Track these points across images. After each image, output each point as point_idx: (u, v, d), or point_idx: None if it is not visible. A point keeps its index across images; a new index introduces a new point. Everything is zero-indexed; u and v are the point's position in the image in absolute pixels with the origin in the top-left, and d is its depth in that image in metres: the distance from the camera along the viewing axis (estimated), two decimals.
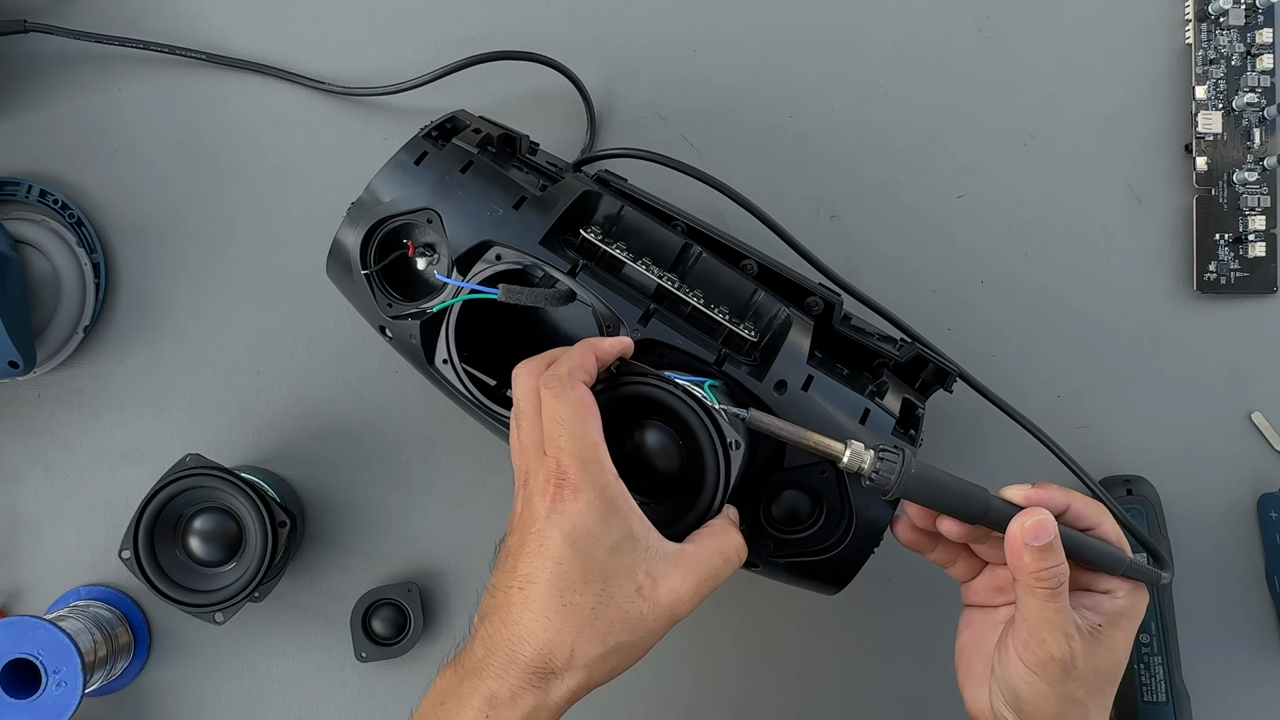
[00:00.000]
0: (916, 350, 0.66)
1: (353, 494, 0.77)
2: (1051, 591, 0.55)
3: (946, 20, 0.78)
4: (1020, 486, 0.58)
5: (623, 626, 0.53)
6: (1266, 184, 0.77)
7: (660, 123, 0.77)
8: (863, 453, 0.56)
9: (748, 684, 0.77)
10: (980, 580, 0.62)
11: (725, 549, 0.57)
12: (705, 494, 0.58)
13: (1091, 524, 0.58)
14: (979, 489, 0.57)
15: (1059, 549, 0.56)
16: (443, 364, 0.65)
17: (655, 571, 0.54)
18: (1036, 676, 0.57)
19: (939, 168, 0.78)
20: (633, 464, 0.58)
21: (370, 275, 0.66)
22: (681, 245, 0.65)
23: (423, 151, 0.66)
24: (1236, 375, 0.77)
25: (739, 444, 0.57)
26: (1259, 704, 0.77)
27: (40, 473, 0.77)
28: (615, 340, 0.58)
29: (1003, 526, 0.56)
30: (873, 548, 0.64)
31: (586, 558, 0.53)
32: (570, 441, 0.54)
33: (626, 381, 0.58)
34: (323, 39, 0.78)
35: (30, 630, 0.68)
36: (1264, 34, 0.76)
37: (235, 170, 0.77)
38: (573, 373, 0.56)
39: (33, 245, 0.76)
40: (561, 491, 0.53)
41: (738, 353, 0.63)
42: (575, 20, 0.78)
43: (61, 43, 0.76)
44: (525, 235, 0.63)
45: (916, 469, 0.56)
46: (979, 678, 0.61)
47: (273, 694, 0.77)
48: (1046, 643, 0.56)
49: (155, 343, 0.77)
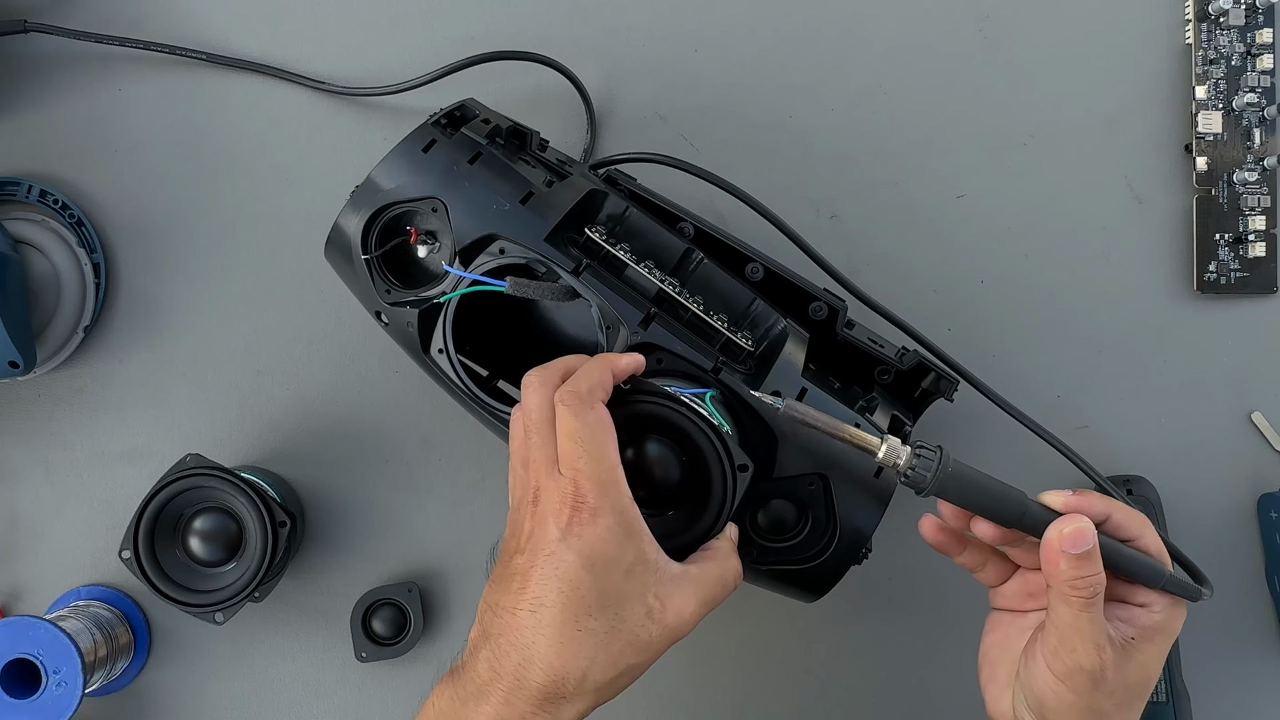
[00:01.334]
0: (919, 358, 0.66)
1: (353, 494, 0.77)
2: (1086, 601, 0.55)
3: (946, 20, 0.78)
4: (1060, 492, 0.57)
5: (633, 650, 0.53)
6: (1266, 184, 0.77)
7: (660, 122, 0.77)
8: (899, 448, 0.56)
9: (748, 684, 0.77)
10: (1011, 585, 0.61)
11: (725, 574, 0.57)
12: (709, 512, 0.58)
13: (1132, 535, 0.57)
14: (1016, 491, 0.57)
15: (1097, 558, 0.55)
16: (438, 353, 0.65)
17: (663, 594, 0.54)
18: (1064, 686, 0.56)
19: (939, 168, 0.78)
20: (636, 476, 0.57)
21: (370, 260, 0.66)
22: (684, 250, 0.65)
23: (431, 139, 0.65)
24: (1236, 375, 0.77)
25: (747, 467, 0.57)
26: (1259, 704, 0.77)
27: (40, 473, 0.77)
28: (631, 358, 0.58)
29: (1039, 532, 0.56)
30: (854, 562, 0.64)
31: (603, 582, 0.52)
32: (589, 463, 0.53)
33: (638, 400, 0.57)
34: (323, 39, 0.78)
35: (30, 630, 0.68)
36: (1264, 34, 0.76)
37: (235, 170, 0.77)
38: (592, 391, 0.55)
39: (33, 245, 0.76)
40: (580, 514, 0.52)
41: (734, 361, 0.63)
42: (575, 20, 0.78)
43: (61, 43, 0.76)
44: (530, 231, 0.63)
45: (954, 467, 0.56)
46: (1002, 682, 0.60)
47: (273, 694, 0.76)
48: (1077, 652, 0.55)
49: (155, 343, 0.77)
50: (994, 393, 0.69)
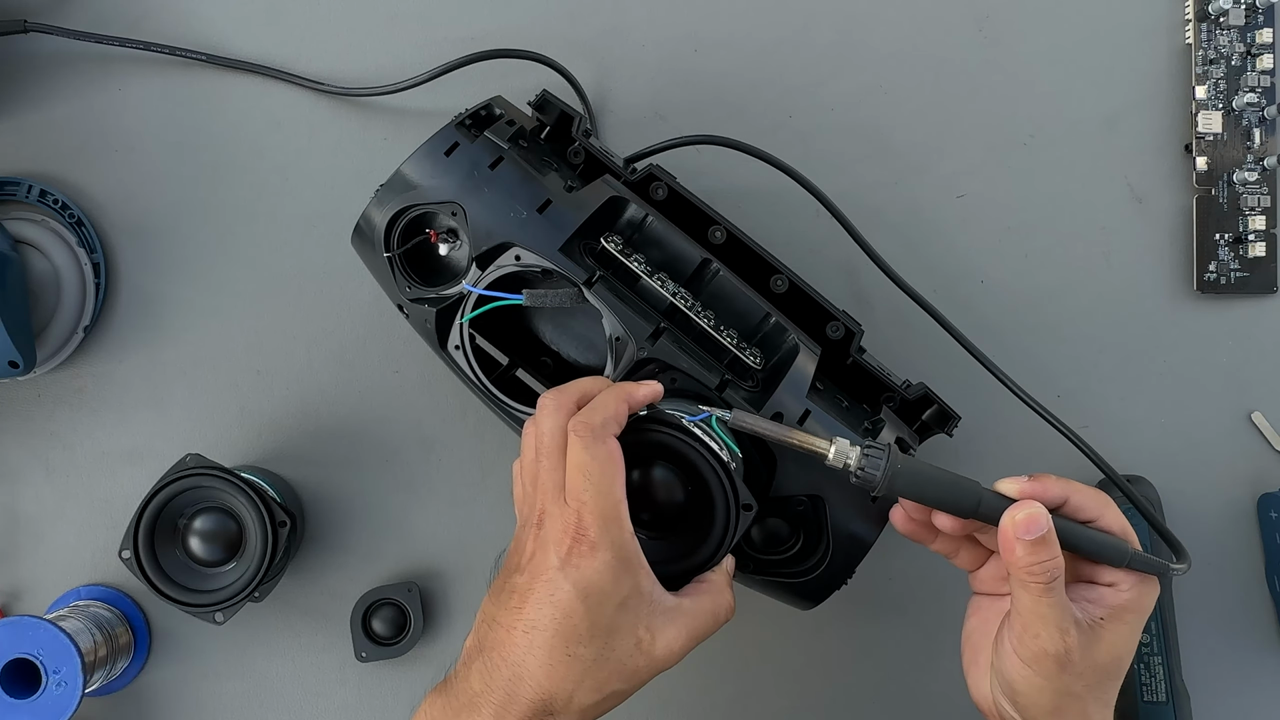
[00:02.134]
0: (925, 390, 0.67)
1: (353, 494, 0.77)
2: (1045, 586, 0.55)
3: (946, 20, 0.78)
4: (1015, 479, 0.57)
5: (619, 677, 0.54)
6: (1266, 184, 0.77)
7: (660, 122, 0.77)
8: (848, 449, 0.56)
9: (747, 684, 0.77)
10: (987, 569, 0.62)
11: (717, 609, 0.57)
12: (709, 543, 0.58)
13: (1092, 516, 0.58)
14: (970, 482, 0.57)
15: (1053, 542, 0.55)
16: (455, 350, 0.65)
17: (654, 626, 0.55)
18: (1031, 670, 0.56)
19: (939, 168, 0.78)
20: (641, 499, 0.58)
21: (392, 258, 0.67)
22: (700, 260, 0.65)
23: (454, 142, 0.66)
24: (1236, 375, 0.77)
25: (751, 506, 0.57)
26: (1259, 704, 0.77)
27: (40, 473, 0.77)
28: (649, 388, 0.58)
29: (995, 520, 0.56)
30: (845, 579, 0.65)
31: (596, 613, 0.53)
32: (595, 498, 0.54)
33: (650, 429, 0.58)
34: (323, 39, 0.78)
35: (30, 630, 0.68)
36: (1264, 34, 0.76)
37: (235, 170, 0.77)
38: (605, 425, 0.55)
39: (33, 245, 0.76)
40: (580, 546, 0.53)
41: (741, 378, 0.64)
42: (575, 20, 0.78)
43: (61, 43, 0.76)
44: (546, 240, 0.63)
45: (903, 464, 0.56)
46: (982, 665, 0.60)
47: (273, 694, 0.77)
48: (1040, 637, 0.55)
49: (155, 343, 0.77)
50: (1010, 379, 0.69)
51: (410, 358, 0.77)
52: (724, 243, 0.66)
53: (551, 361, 0.68)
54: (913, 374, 0.70)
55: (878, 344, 0.72)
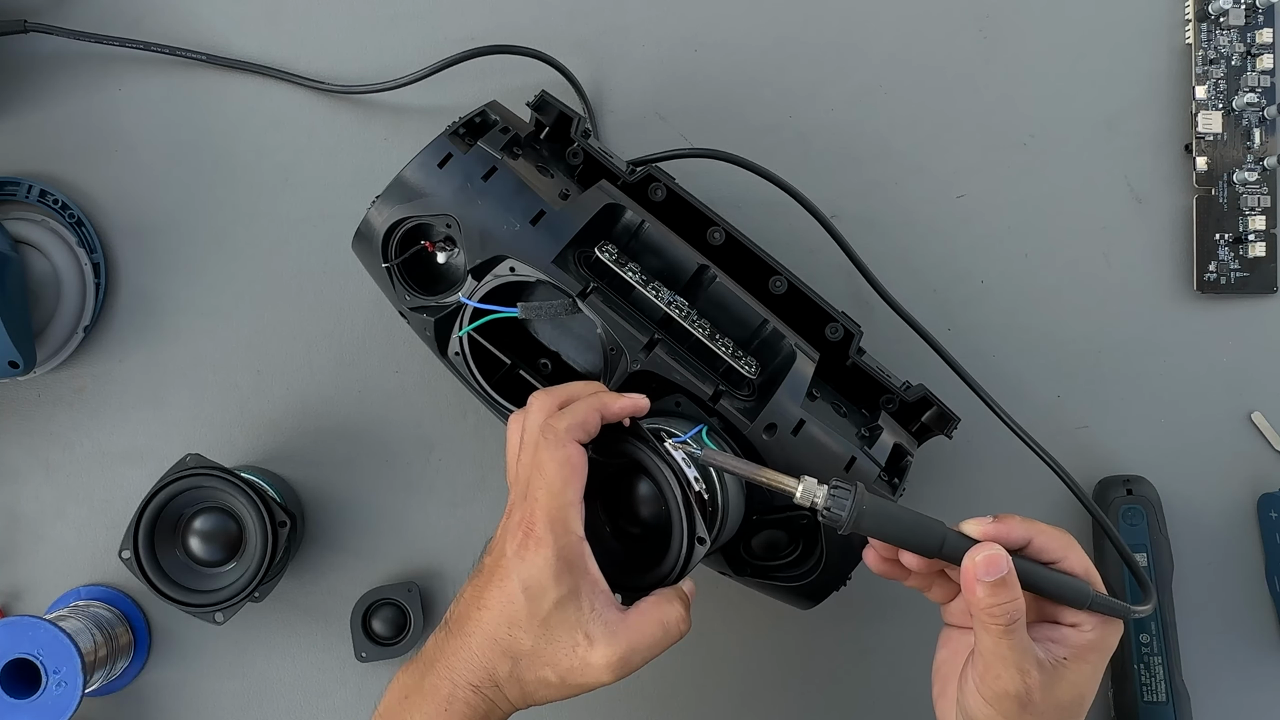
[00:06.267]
0: (924, 392, 0.67)
1: (353, 494, 0.77)
2: (1004, 628, 0.55)
3: (946, 20, 0.78)
4: (979, 520, 0.57)
5: (554, 670, 0.56)
6: (1266, 184, 0.77)
7: (660, 122, 0.77)
8: (815, 488, 0.56)
9: (747, 684, 0.77)
10: (958, 602, 0.61)
11: (667, 620, 0.57)
12: (667, 563, 0.58)
13: (1056, 557, 0.57)
14: (935, 523, 0.57)
15: (1013, 584, 0.55)
16: (454, 356, 0.66)
17: (593, 635, 0.56)
18: (992, 709, 0.56)
19: (939, 168, 0.78)
20: (609, 505, 0.60)
21: (390, 269, 0.67)
22: (697, 267, 0.65)
23: (448, 154, 0.66)
24: (1236, 375, 0.77)
25: (705, 541, 0.58)
26: (1259, 704, 0.77)
27: (40, 473, 0.77)
28: (630, 401, 0.59)
29: (959, 560, 0.56)
30: (839, 585, 0.66)
31: (534, 605, 0.56)
32: (546, 498, 0.56)
33: (624, 442, 0.59)
34: (322, 39, 0.78)
35: (30, 630, 0.68)
36: (1264, 34, 0.76)
37: (235, 170, 0.77)
38: (570, 430, 0.57)
39: (33, 245, 0.76)
40: (528, 541, 0.56)
41: (736, 388, 0.64)
42: (575, 19, 0.78)
43: (61, 43, 0.76)
44: (540, 252, 0.64)
45: (869, 505, 0.56)
46: (950, 698, 0.60)
47: (273, 694, 0.77)
48: (1001, 678, 0.55)
49: (155, 343, 0.77)
50: (990, 397, 0.69)
51: (410, 358, 0.77)
52: (722, 244, 0.66)
53: (550, 364, 0.68)
54: (913, 374, 0.70)
55: (878, 344, 0.72)
